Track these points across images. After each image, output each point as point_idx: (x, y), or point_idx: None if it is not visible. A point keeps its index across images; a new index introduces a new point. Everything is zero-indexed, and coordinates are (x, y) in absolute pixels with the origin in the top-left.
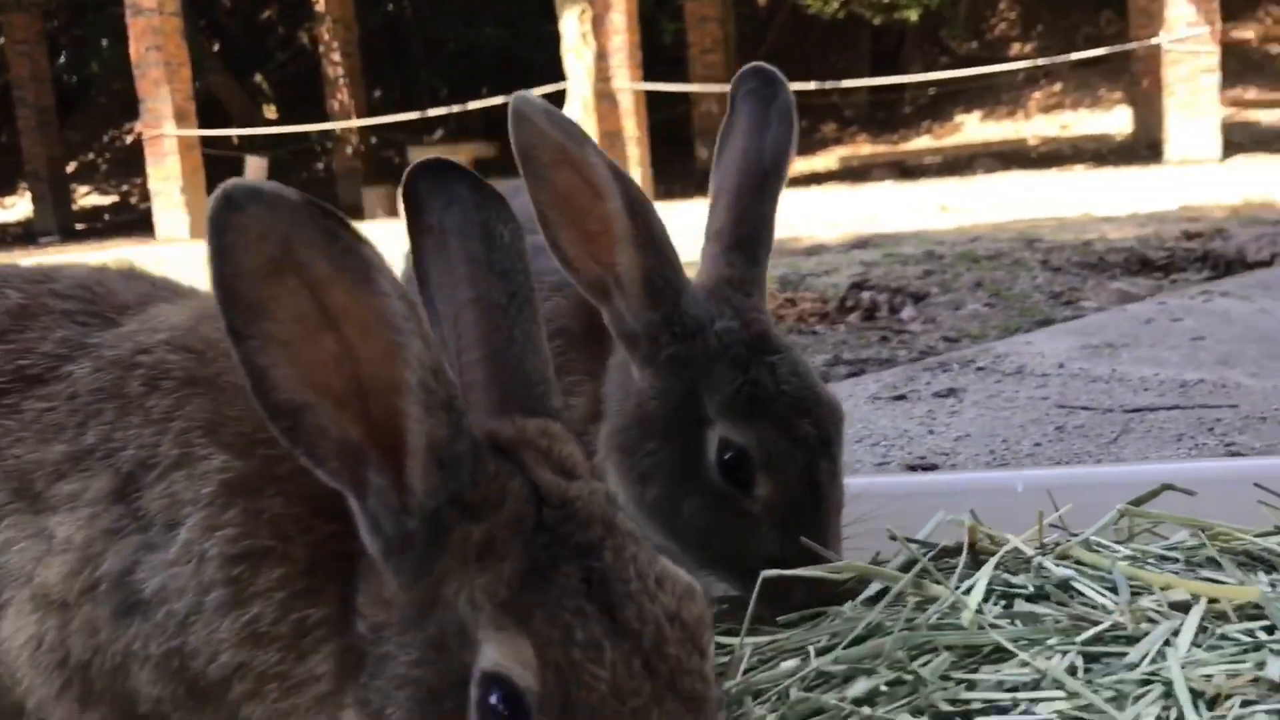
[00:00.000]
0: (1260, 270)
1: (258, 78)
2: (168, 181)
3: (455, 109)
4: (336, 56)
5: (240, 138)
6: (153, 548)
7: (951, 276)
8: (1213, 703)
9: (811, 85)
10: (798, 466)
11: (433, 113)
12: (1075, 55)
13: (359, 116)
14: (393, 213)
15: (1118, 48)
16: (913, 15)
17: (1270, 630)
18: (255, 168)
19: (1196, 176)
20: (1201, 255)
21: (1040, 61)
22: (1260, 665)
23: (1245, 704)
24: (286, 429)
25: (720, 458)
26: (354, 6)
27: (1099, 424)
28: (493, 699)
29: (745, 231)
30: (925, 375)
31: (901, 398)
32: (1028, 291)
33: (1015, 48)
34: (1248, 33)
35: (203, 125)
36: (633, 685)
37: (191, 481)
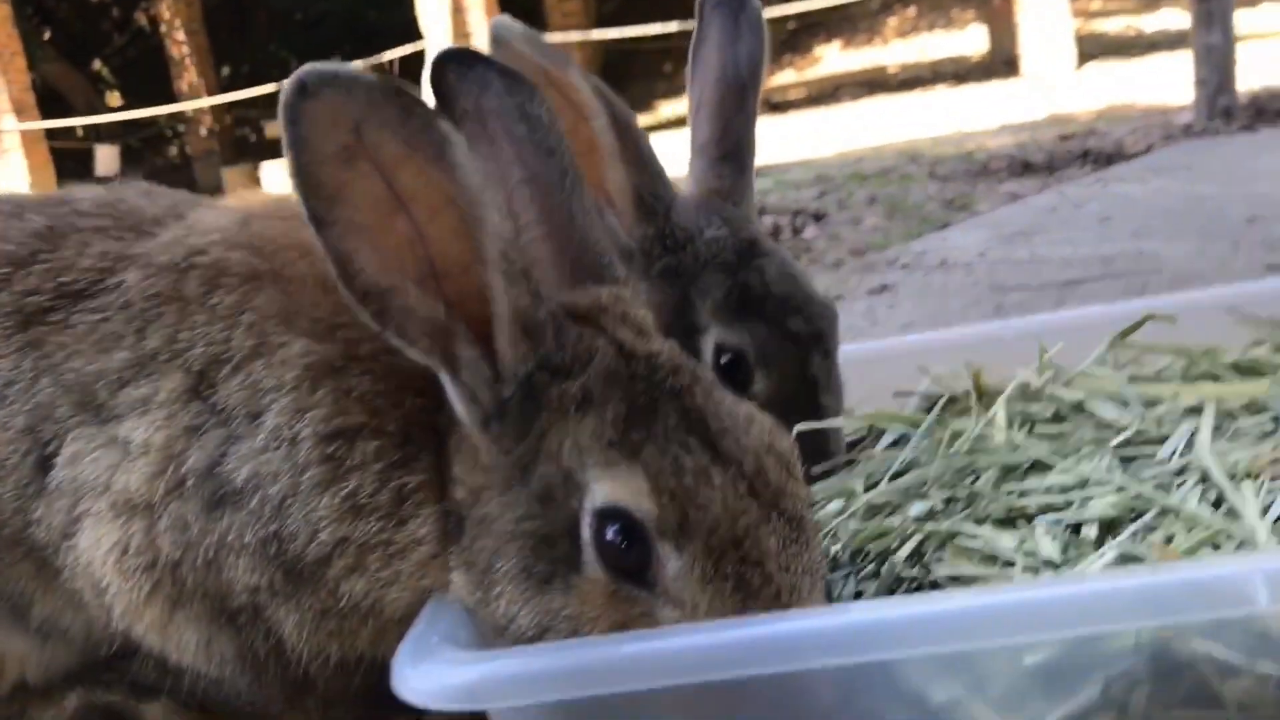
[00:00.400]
0: (1142, 159)
1: (97, 64)
2: (12, 180)
3: None
4: (180, 35)
5: (86, 128)
6: (238, 438)
7: (845, 195)
8: (1247, 479)
9: (674, 26)
10: (792, 362)
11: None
12: None
13: (209, 96)
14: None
15: None
16: None
17: (1276, 421)
18: (106, 157)
19: (1056, 87)
20: (1081, 153)
21: None
22: (1276, 448)
23: (1274, 479)
24: (375, 312)
25: (717, 361)
26: None
27: (1035, 300)
28: (609, 534)
29: (731, 143)
30: (854, 277)
31: (839, 297)
32: (921, 202)
33: None
34: None
35: (44, 117)
36: (741, 505)
37: (272, 369)
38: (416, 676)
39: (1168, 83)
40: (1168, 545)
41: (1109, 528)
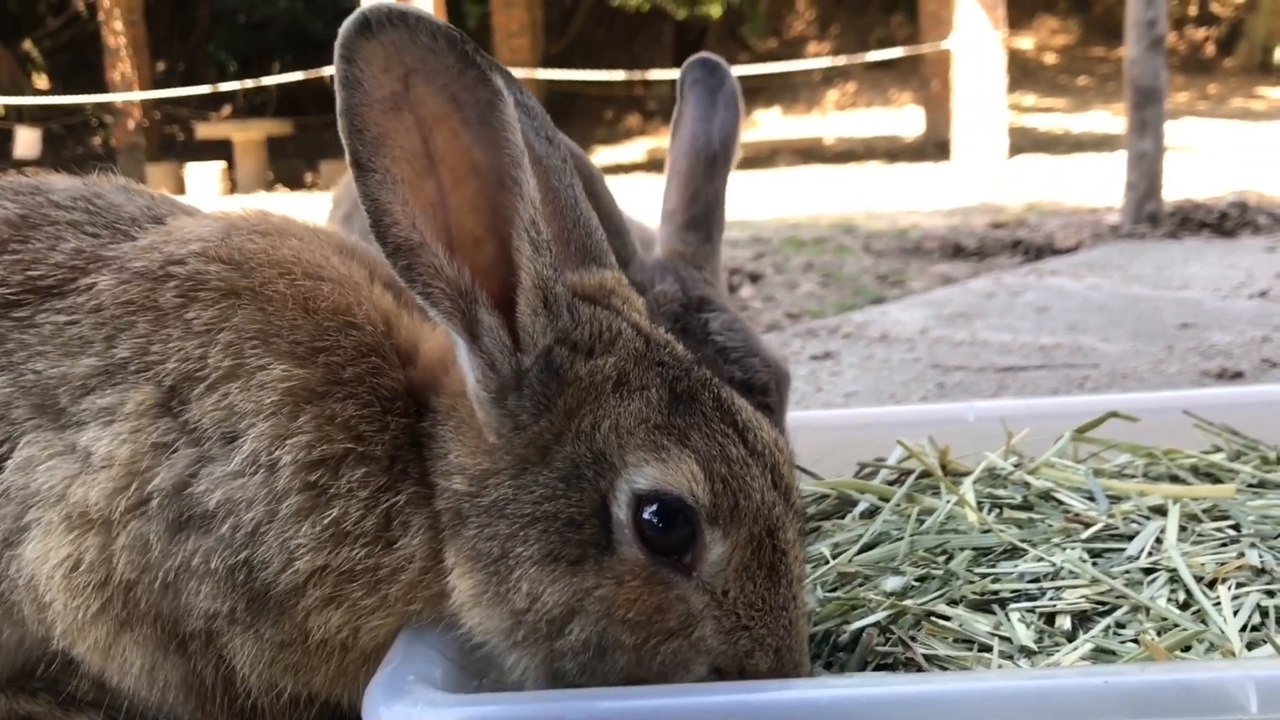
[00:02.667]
0: (1075, 254)
1: (27, 44)
2: None
3: (249, 84)
4: (119, 25)
5: (8, 107)
6: (210, 460)
7: (783, 259)
8: (1210, 585)
9: (620, 75)
10: None
11: (224, 87)
12: (870, 56)
13: (142, 89)
14: (178, 191)
15: (911, 50)
16: (715, 11)
17: (1236, 528)
18: (27, 140)
19: (986, 175)
20: (1012, 243)
21: (839, 60)
22: (1240, 555)
23: (1239, 585)
24: (404, 268)
25: None
26: None
27: (976, 381)
28: (647, 514)
29: (697, 210)
30: (797, 341)
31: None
32: (856, 273)
33: (812, 47)
34: (1026, 42)
35: None
36: (772, 497)
37: (249, 392)
38: (390, 716)
39: (1094, 182)
40: (1153, 642)
41: (1080, 619)
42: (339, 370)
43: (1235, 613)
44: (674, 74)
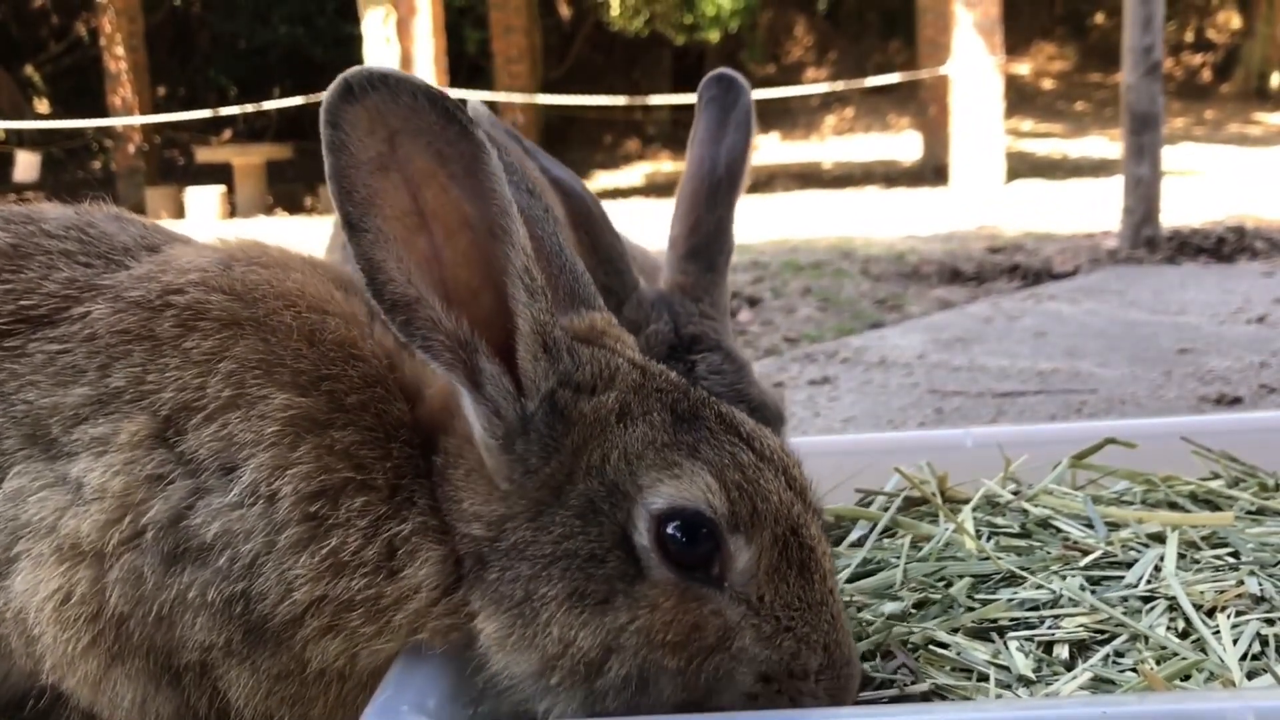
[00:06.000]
0: (1073, 279)
1: (28, 69)
2: None
3: (249, 108)
4: (120, 50)
5: (8, 131)
6: (207, 491)
7: (781, 283)
8: (1209, 614)
9: (619, 100)
10: None
11: (224, 111)
12: (868, 81)
13: (142, 114)
14: (178, 214)
15: (909, 75)
16: (713, 36)
17: (1235, 556)
18: (26, 163)
19: (984, 200)
20: (1010, 267)
21: (838, 86)
22: (1240, 583)
23: (1238, 614)
24: (402, 323)
25: None
26: None
27: (974, 407)
28: (669, 529)
29: (699, 239)
30: (795, 366)
31: (779, 384)
32: (854, 297)
33: (811, 72)
34: (1023, 67)
35: None
36: (789, 496)
37: (250, 422)
38: None
39: (1091, 207)
40: (1152, 672)
41: (1079, 648)
42: (342, 398)
43: (1235, 641)
44: (673, 99)
